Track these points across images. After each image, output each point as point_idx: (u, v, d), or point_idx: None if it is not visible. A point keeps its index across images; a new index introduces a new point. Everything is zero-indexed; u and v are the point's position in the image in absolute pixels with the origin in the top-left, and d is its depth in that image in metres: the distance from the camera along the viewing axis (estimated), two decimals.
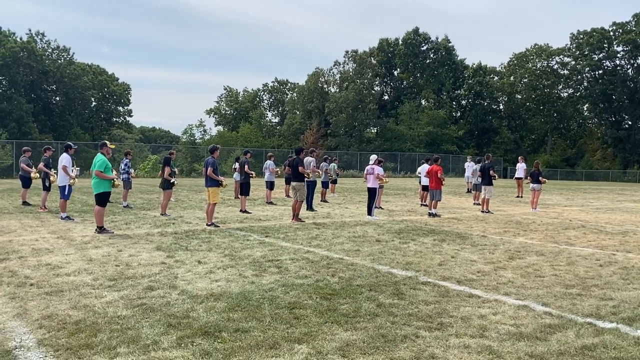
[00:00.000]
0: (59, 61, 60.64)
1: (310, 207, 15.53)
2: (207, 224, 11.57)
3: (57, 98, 61.43)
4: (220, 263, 7.49)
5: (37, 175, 15.11)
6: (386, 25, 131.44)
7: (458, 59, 74.50)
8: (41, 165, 14.68)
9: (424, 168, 19.79)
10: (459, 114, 75.91)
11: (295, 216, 12.79)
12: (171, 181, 13.60)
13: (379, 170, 14.39)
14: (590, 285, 6.59)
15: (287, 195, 20.83)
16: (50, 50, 61.03)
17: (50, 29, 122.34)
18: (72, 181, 12.72)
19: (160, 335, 4.45)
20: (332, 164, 21.85)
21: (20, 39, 57.95)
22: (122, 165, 16.60)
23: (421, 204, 18.28)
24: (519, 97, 74.17)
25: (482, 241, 10.16)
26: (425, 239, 10.30)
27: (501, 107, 76.21)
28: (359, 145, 63.30)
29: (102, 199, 10.44)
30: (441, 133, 66.00)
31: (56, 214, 13.29)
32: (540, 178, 17.77)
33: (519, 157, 27.01)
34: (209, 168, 11.59)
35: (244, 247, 8.92)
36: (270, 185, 18.55)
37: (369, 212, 14.04)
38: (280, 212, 15.22)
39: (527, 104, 73.62)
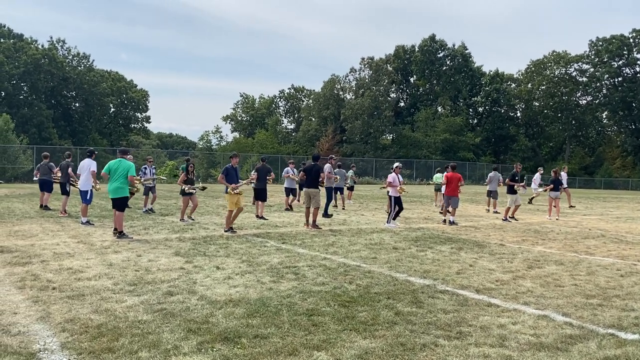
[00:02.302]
0: (79, 68, 61.72)
1: (325, 214, 15.45)
2: (224, 230, 11.61)
3: (77, 104, 62.43)
4: (238, 269, 7.53)
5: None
6: (402, 32, 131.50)
7: (475, 65, 74.21)
8: (70, 170, 15.19)
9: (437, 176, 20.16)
10: (475, 121, 75.50)
11: (312, 223, 12.80)
12: (183, 188, 13.51)
13: (391, 178, 14.05)
14: (611, 295, 6.51)
15: (297, 200, 20.92)
16: (70, 57, 62.15)
17: (70, 36, 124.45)
18: (97, 187, 13.57)
19: (181, 340, 4.49)
20: (350, 171, 21.91)
21: (42, 46, 59.12)
22: (148, 171, 16.21)
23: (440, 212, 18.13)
24: (537, 104, 73.58)
25: (500, 250, 10.08)
26: (442, 247, 10.25)
27: (518, 114, 75.66)
28: (374, 152, 63.24)
29: (122, 204, 10.62)
30: (457, 140, 65.68)
31: (76, 218, 13.48)
32: (560, 186, 17.96)
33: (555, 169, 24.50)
34: (220, 174, 11.96)
35: (261, 253, 8.97)
36: (290, 192, 18.33)
37: (388, 220, 13.90)
38: (297, 218, 15.25)
39: (545, 111, 73.00)
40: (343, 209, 18.88)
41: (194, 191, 13.59)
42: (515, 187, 16.22)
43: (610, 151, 69.46)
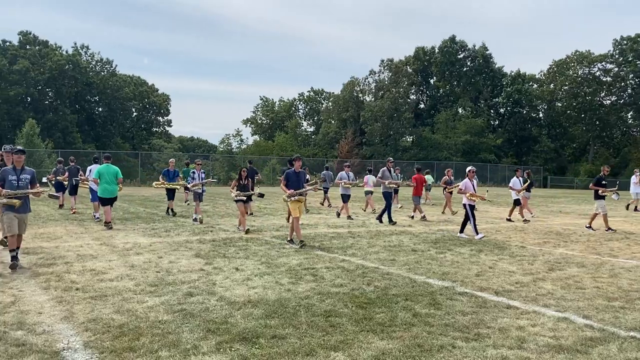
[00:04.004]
0: (102, 73, 62.75)
1: (390, 219, 14.46)
2: (287, 240, 10.53)
3: (100, 109, 63.47)
4: (257, 270, 7.60)
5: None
6: (422, 33, 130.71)
7: (496, 66, 73.45)
8: (81, 172, 17.03)
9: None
10: (497, 122, 74.69)
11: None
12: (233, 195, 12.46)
13: (462, 184, 12.63)
14: (634, 298, 6.40)
15: (322, 204, 21.03)
16: (94, 63, 63.23)
17: (94, 42, 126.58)
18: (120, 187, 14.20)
19: (200, 340, 4.56)
20: (395, 174, 22.03)
21: (66, 52, 60.24)
22: (197, 176, 14.65)
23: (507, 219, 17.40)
24: (559, 105, 72.44)
25: (520, 252, 9.98)
26: (462, 249, 10.19)
27: (541, 115, 74.59)
28: (394, 154, 62.90)
29: (112, 202, 12.92)
30: (479, 142, 65.03)
31: (87, 220, 13.71)
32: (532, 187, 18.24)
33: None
34: (282, 180, 10.80)
35: (280, 255, 9.03)
36: (346, 198, 16.56)
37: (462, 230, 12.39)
38: (316, 220, 15.29)
39: (568, 112, 71.81)
40: (329, 206, 19.97)
41: (245, 198, 12.39)
42: (600, 192, 14.07)
43: (636, 152, 67.91)
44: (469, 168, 12.81)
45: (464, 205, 12.34)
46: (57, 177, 17.15)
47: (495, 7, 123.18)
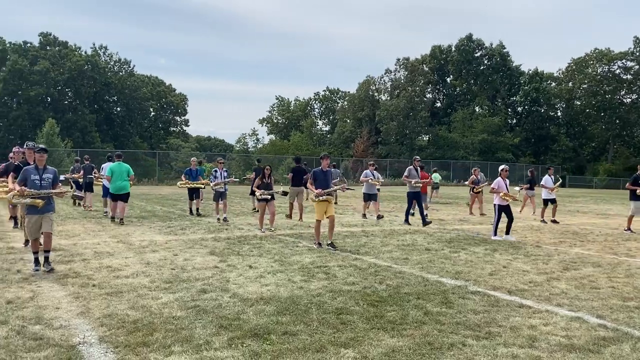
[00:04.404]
0: (120, 73, 63.51)
1: (423, 221, 13.87)
2: (314, 244, 10.03)
3: (118, 108, 64.22)
4: (270, 268, 7.67)
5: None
6: (439, 32, 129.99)
7: (513, 65, 72.79)
8: (95, 170, 17.76)
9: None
10: (514, 121, 74.01)
11: (300, 216, 13.60)
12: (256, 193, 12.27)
13: (495, 183, 12.04)
14: None
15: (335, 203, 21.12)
16: (112, 63, 64.03)
17: (112, 43, 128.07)
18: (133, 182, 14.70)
19: (212, 336, 4.63)
20: (435, 174, 22.16)
21: (85, 53, 61.07)
22: (219, 174, 14.29)
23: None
24: (578, 103, 71.56)
25: (535, 251, 9.91)
26: (476, 248, 10.15)
27: (559, 114, 73.74)
28: (410, 154, 62.65)
29: (125, 198, 13.43)
30: (496, 141, 64.51)
31: (106, 218, 13.90)
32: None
33: None
34: (309, 179, 10.34)
35: (294, 253, 9.08)
36: (370, 197, 16.07)
37: (495, 232, 11.84)
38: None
39: (587, 110, 70.91)
40: (335, 203, 19.74)
41: (269, 197, 11.91)
42: (638, 192, 13.36)
43: None
44: (501, 167, 12.31)
45: (495, 205, 11.92)
46: (73, 175, 17.46)
47: (513, 5, 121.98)
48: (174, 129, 74.69)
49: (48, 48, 58.69)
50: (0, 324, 4.87)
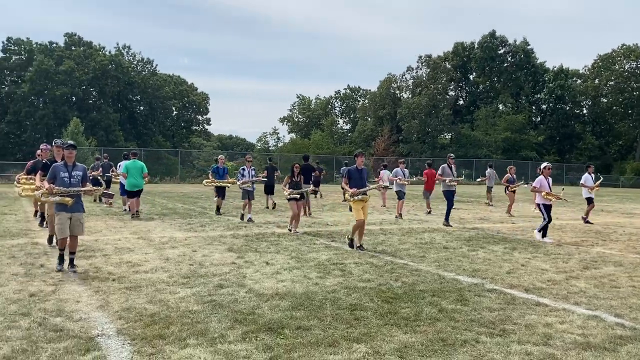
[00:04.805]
0: (143, 73, 64.40)
1: (447, 219, 13.65)
2: (349, 243, 9.61)
3: (141, 107, 65.11)
4: (287, 265, 7.73)
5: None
6: (461, 29, 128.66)
7: (537, 61, 71.63)
8: (113, 168, 18.56)
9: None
10: (538, 118, 72.89)
11: (308, 212, 13.91)
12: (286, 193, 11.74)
13: (537, 182, 11.56)
14: None
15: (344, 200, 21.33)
16: (135, 63, 64.95)
17: (135, 42, 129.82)
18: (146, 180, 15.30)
19: (227, 330, 4.70)
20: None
21: (109, 52, 62.05)
22: (246, 173, 13.96)
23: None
24: (605, 100, 70.13)
25: (556, 250, 9.78)
26: (495, 246, 10.06)
27: (585, 111, 72.37)
28: (432, 152, 62.28)
29: (138, 194, 14.20)
30: (519, 139, 63.62)
31: (128, 215, 14.14)
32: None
33: None
34: (343, 178, 9.97)
35: (310, 250, 9.13)
36: (402, 195, 16.00)
37: (543, 234, 11.32)
38: (348, 217, 15.32)
39: (614, 107, 69.45)
40: (345, 200, 20.09)
41: (299, 196, 11.57)
42: None
43: None
44: (544, 164, 11.82)
45: (538, 205, 11.43)
46: (92, 173, 17.74)
47: (537, 1, 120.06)
48: (196, 127, 75.39)
49: (73, 48, 59.76)
50: (23, 315, 5.02)
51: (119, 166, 16.87)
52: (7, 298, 5.62)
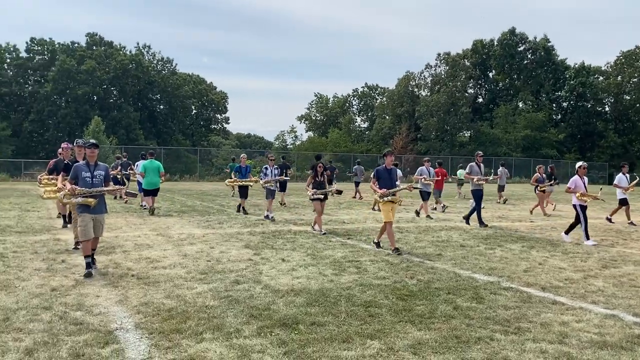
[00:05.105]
0: (163, 72, 65.04)
1: (467, 218, 13.31)
2: (374, 242, 9.42)
3: (161, 106, 65.78)
4: (303, 262, 7.78)
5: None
6: (480, 26, 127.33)
7: (558, 59, 70.59)
8: (131, 166, 18.91)
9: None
10: (559, 116, 71.84)
11: None
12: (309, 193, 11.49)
13: (572, 182, 11.04)
14: None
15: (353, 197, 21.42)
16: (155, 62, 65.62)
17: (155, 42, 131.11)
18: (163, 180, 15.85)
19: (243, 325, 4.77)
20: (460, 170, 22.13)
21: (130, 52, 62.81)
22: (269, 172, 13.79)
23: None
24: (628, 98, 68.81)
25: (574, 249, 9.68)
26: (513, 245, 9.99)
27: (607, 109, 71.12)
28: (450, 150, 61.86)
29: (156, 192, 14.90)
30: (540, 137, 62.80)
31: (147, 212, 14.34)
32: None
33: None
34: (372, 178, 9.62)
35: (326, 247, 9.17)
36: (426, 196, 15.51)
37: (587, 236, 10.66)
38: (365, 215, 15.35)
39: (638, 105, 68.08)
40: (360, 198, 21.32)
41: (322, 196, 11.28)
42: None
43: None
44: (579, 164, 11.30)
45: (574, 206, 10.86)
46: (112, 172, 18.18)
47: None
48: (215, 126, 75.94)
49: (94, 48, 60.62)
50: (44, 309, 5.15)
51: (137, 165, 17.23)
52: (30, 292, 5.77)
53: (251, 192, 19.51)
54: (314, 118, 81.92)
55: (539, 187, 17.26)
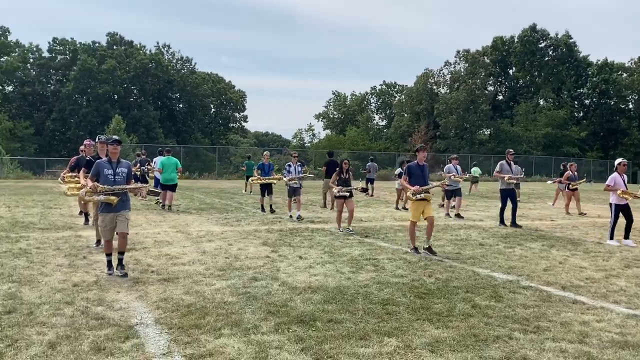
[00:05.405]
0: (182, 71, 65.64)
1: (513, 221, 12.63)
2: (409, 249, 8.80)
3: (180, 105, 66.42)
4: (320, 259, 7.80)
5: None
6: (500, 23, 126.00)
7: (580, 55, 69.46)
8: (148, 164, 19.14)
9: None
10: (581, 114, 70.74)
11: (331, 206, 13.49)
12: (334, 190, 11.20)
13: (611, 180, 10.58)
14: None
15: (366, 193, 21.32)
16: (174, 61, 66.23)
17: (175, 41, 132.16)
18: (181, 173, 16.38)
19: (260, 321, 4.80)
20: (475, 168, 21.96)
21: (149, 51, 63.48)
22: (292, 169, 13.61)
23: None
24: None
25: (596, 248, 9.54)
26: (533, 244, 9.88)
27: (631, 106, 69.80)
28: (470, 148, 61.37)
29: (173, 188, 15.22)
30: (561, 135, 61.92)
31: (158, 205, 14.49)
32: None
33: None
34: (403, 175, 9.20)
35: (344, 245, 9.18)
36: (453, 193, 15.02)
37: (610, 236, 10.45)
38: (382, 213, 15.31)
39: None
40: (371, 195, 20.61)
41: (348, 194, 10.99)
42: None
43: None
44: (618, 160, 10.77)
45: (611, 204, 10.48)
46: (132, 169, 18.53)
47: None
48: (233, 125, 76.41)
49: (115, 47, 61.44)
50: (66, 304, 5.24)
51: (154, 162, 17.52)
52: (53, 287, 5.88)
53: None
54: (331, 116, 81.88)
55: (570, 185, 16.61)
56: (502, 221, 12.67)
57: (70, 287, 5.93)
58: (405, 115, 70.42)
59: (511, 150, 13.44)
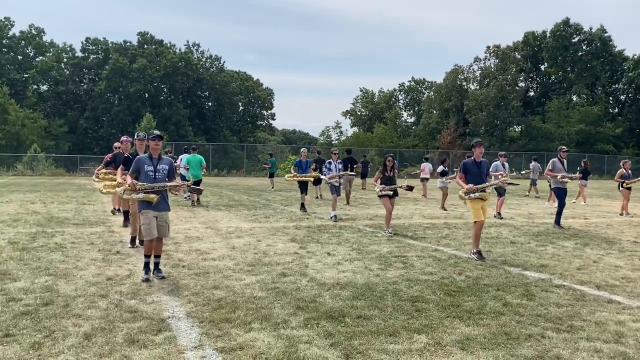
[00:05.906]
0: (211, 69, 66.33)
1: (558, 220, 11.92)
2: (472, 253, 8.03)
3: (209, 103, 67.17)
4: (348, 256, 7.80)
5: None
6: (532, 17, 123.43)
7: (616, 49, 67.58)
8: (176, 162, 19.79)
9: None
10: (616, 110, 68.87)
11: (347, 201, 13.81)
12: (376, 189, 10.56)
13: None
14: None
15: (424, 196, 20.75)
16: (203, 60, 66.95)
17: (204, 40, 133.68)
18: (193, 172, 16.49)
19: (290, 316, 4.83)
20: (534, 163, 21.69)
21: (179, 50, 64.34)
22: (333, 167, 13.23)
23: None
24: None
25: (632, 247, 9.29)
26: (566, 242, 9.68)
27: None
28: (500, 145, 60.32)
29: (198, 184, 15.02)
30: (595, 131, 60.40)
31: (197, 206, 14.65)
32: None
33: None
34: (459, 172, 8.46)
35: (372, 242, 9.16)
36: (499, 193, 14.07)
37: None
38: (411, 211, 15.21)
39: None
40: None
41: (391, 193, 10.40)
42: None
43: None
44: None
45: None
46: None
47: None
48: (261, 122, 76.86)
49: (145, 47, 62.43)
50: (101, 297, 5.37)
51: (180, 159, 17.63)
52: (87, 281, 6.03)
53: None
54: (359, 113, 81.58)
55: (624, 184, 15.53)
56: (558, 222, 11.86)
57: (104, 280, 6.08)
58: (434, 112, 69.70)
59: (564, 147, 12.70)
